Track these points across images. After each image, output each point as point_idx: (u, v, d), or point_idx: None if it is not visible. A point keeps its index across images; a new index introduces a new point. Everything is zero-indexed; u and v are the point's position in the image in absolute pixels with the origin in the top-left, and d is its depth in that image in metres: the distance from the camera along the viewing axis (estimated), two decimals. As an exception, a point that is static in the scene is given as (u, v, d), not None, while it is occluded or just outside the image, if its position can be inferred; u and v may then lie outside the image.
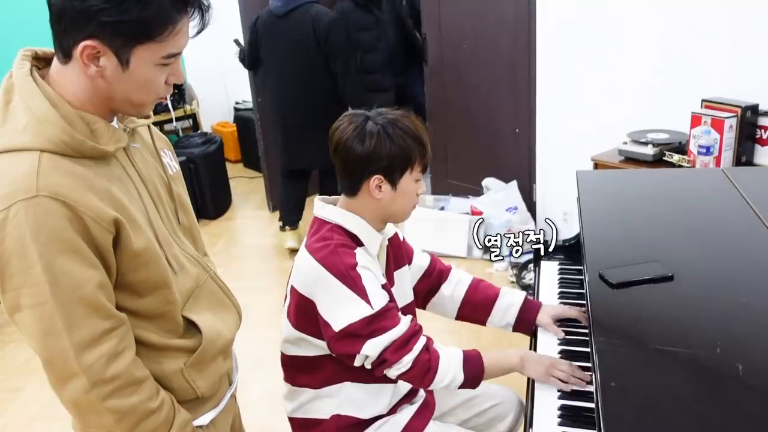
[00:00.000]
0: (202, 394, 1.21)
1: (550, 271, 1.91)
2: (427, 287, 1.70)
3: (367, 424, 1.51)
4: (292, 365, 1.55)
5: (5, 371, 2.99)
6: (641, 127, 2.89)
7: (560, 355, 1.52)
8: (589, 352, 1.39)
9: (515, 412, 1.67)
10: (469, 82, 3.92)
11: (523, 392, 1.51)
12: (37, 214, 0.97)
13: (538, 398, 1.40)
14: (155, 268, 1.10)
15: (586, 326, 1.49)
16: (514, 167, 3.81)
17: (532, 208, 3.77)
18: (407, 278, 1.62)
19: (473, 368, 1.43)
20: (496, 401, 1.66)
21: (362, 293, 1.35)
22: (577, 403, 1.37)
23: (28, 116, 1.01)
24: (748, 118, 2.54)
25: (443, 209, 3.91)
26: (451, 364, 1.41)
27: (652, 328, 1.30)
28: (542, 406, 1.37)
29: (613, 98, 3.15)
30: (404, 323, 1.39)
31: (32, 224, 0.97)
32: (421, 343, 1.39)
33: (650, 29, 2.93)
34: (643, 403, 1.09)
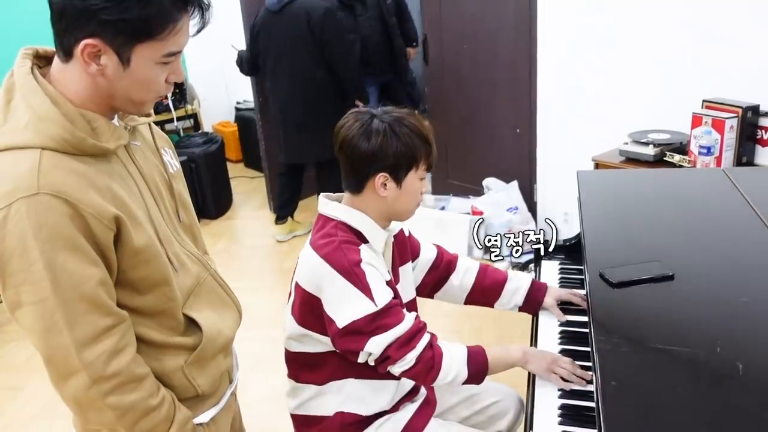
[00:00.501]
0: (202, 391, 1.22)
1: (550, 270, 1.91)
2: (435, 279, 1.71)
3: (369, 421, 1.51)
4: (295, 361, 1.55)
5: (6, 370, 3.00)
6: (642, 127, 2.89)
7: (561, 354, 1.52)
8: (589, 351, 1.39)
9: (515, 409, 1.67)
10: (469, 82, 3.92)
11: (523, 392, 1.51)
12: (38, 211, 0.97)
13: (538, 398, 1.40)
14: (156, 265, 1.11)
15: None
16: (514, 167, 3.81)
17: (532, 208, 3.77)
18: (410, 274, 1.62)
19: (477, 364, 1.43)
20: (496, 398, 1.67)
21: (366, 290, 1.35)
22: (577, 402, 1.37)
23: (29, 114, 1.01)
24: (748, 118, 2.54)
25: (444, 209, 3.91)
26: (454, 360, 1.41)
27: (652, 327, 1.30)
28: (543, 405, 1.37)
29: (613, 98, 3.15)
30: (408, 320, 1.39)
31: (33, 222, 0.97)
32: (424, 340, 1.39)
33: (651, 29, 2.93)
34: (643, 402, 1.09)
